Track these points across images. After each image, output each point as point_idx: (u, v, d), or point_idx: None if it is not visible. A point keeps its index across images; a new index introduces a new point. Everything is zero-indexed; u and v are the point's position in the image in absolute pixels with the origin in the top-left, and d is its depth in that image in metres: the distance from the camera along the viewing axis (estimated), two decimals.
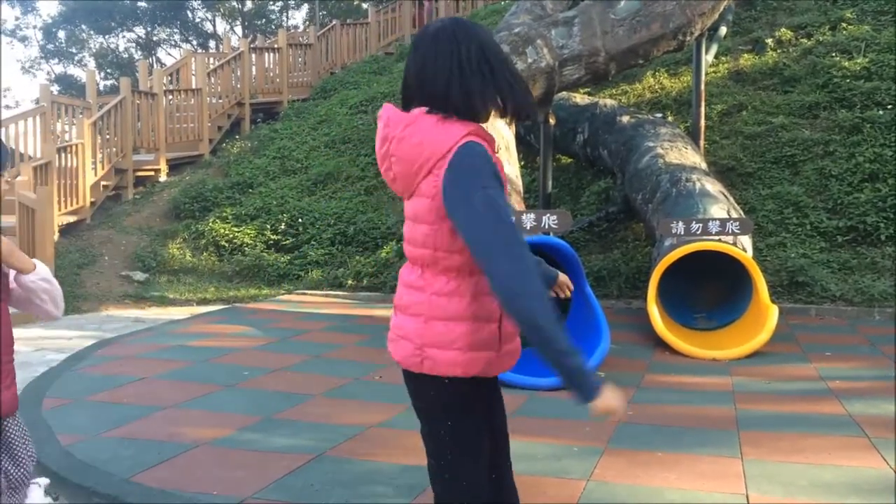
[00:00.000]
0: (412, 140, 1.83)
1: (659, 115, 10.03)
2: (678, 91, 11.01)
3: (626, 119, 9.39)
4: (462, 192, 1.76)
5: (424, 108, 1.87)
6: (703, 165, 8.21)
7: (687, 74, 10.84)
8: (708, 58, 9.98)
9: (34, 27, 29.76)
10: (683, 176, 7.59)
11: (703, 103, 9.22)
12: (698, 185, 7.38)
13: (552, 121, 8.84)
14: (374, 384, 5.22)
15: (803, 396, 4.85)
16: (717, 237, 6.31)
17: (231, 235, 10.81)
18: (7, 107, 30.31)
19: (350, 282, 9.53)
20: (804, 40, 11.04)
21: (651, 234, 7.97)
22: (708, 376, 5.41)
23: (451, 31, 1.87)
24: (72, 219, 10.53)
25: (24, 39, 29.89)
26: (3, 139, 11.52)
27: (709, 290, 7.21)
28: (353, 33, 17.85)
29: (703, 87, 9.20)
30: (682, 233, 6.35)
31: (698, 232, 6.33)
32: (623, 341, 6.25)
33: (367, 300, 8.98)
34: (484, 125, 1.91)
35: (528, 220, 5.88)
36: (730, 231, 6.33)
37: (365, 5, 25.30)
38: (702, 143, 9.16)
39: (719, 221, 6.40)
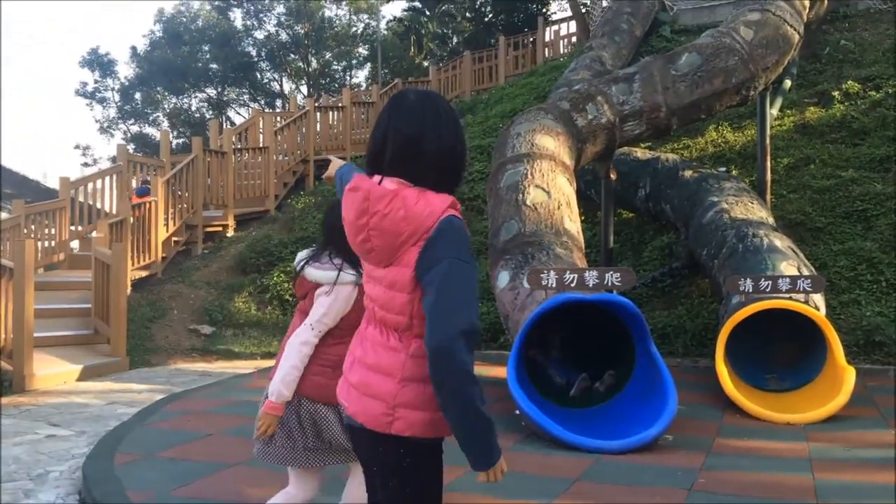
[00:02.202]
0: (397, 214, 1.88)
1: (723, 169, 9.91)
2: (742, 145, 10.88)
3: (688, 173, 9.30)
4: (435, 258, 1.84)
5: (399, 180, 1.92)
6: (771, 220, 8.05)
7: (751, 128, 10.72)
8: (773, 111, 9.87)
9: (112, 89, 31.33)
10: (750, 231, 7.45)
11: (768, 157, 9.10)
12: (766, 240, 7.22)
13: (613, 175, 8.84)
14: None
15: (885, 465, 4.61)
16: (787, 295, 6.14)
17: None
18: (86, 164, 31.80)
19: None
20: (872, 93, 10.83)
21: (717, 290, 7.81)
22: (783, 441, 5.20)
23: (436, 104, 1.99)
24: (144, 273, 10.89)
25: (102, 101, 31.48)
26: (83, 197, 12.07)
27: (779, 349, 6.97)
28: None
29: (768, 140, 9.10)
30: (751, 290, 6.21)
31: (767, 289, 6.17)
32: (691, 402, 6.08)
33: None
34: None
35: (591, 277, 5.83)
36: (801, 289, 6.16)
37: (426, 63, 25.92)
38: (768, 197, 9.00)
39: (789, 279, 6.23)
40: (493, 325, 8.85)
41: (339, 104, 16.54)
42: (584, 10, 17.76)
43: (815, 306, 6.25)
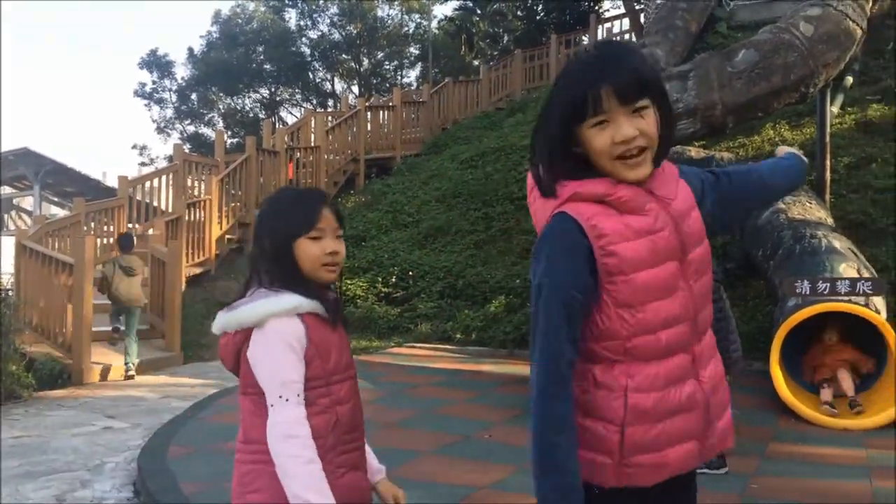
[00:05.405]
0: (532, 210, 1.65)
1: None
2: (800, 143, 10.58)
3: None
4: (533, 276, 1.54)
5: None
6: (830, 221, 7.82)
7: (810, 126, 10.43)
8: (833, 109, 9.57)
9: (170, 90, 32.04)
10: (808, 232, 7.25)
11: (828, 156, 8.83)
12: (824, 241, 7.02)
13: None
14: (485, 443, 5.18)
15: None
16: (846, 298, 5.96)
17: (344, 287, 11.10)
18: (143, 164, 32.55)
19: (459, 335, 9.56)
20: None
21: (772, 292, 7.62)
22: (839, 447, 5.05)
23: None
24: (198, 270, 11.12)
25: (160, 102, 32.21)
26: (140, 196, 12.38)
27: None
28: (464, 90, 18.27)
29: (827, 139, 8.82)
30: (808, 292, 6.03)
31: (825, 292, 5.99)
32: (744, 406, 5.91)
33: (475, 355, 8.96)
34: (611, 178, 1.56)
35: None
36: (861, 291, 5.96)
37: (476, 62, 25.89)
38: (827, 197, 8.74)
39: (849, 281, 6.04)
40: None
41: (390, 104, 16.64)
42: (637, 7, 17.51)
43: (876, 310, 6.04)
